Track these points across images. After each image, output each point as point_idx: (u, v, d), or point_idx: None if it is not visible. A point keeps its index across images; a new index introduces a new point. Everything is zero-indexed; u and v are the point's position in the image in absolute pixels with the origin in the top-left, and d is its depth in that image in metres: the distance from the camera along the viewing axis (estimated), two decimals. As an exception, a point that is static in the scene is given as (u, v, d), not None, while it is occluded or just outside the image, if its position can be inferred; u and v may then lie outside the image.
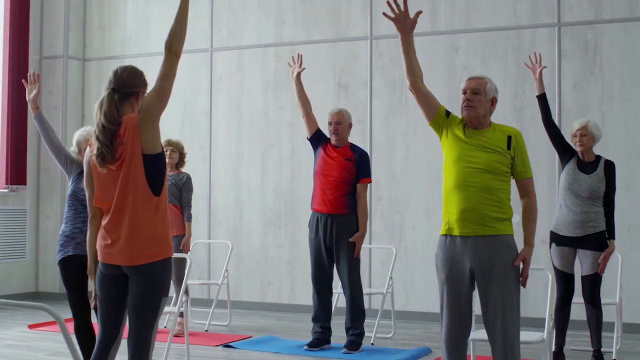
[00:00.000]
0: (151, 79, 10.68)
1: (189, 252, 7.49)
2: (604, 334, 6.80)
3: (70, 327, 4.84)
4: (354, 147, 6.79)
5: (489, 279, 4.24)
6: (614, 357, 6.34)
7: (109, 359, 3.84)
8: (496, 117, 8.04)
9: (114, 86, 3.77)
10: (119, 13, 10.15)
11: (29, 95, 5.29)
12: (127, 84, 3.79)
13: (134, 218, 3.71)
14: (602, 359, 5.98)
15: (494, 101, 4.46)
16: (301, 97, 6.89)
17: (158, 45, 9.79)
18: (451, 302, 4.31)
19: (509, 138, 4.37)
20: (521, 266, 4.40)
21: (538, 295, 7.68)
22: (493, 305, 4.24)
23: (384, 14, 4.40)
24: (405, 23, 4.36)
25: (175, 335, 7.18)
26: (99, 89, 10.16)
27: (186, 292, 6.04)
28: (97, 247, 3.84)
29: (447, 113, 4.48)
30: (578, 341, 6.95)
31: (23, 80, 5.41)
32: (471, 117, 4.38)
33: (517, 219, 7.99)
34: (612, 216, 5.98)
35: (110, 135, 3.69)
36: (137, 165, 3.69)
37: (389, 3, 4.32)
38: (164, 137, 7.91)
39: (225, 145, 9.50)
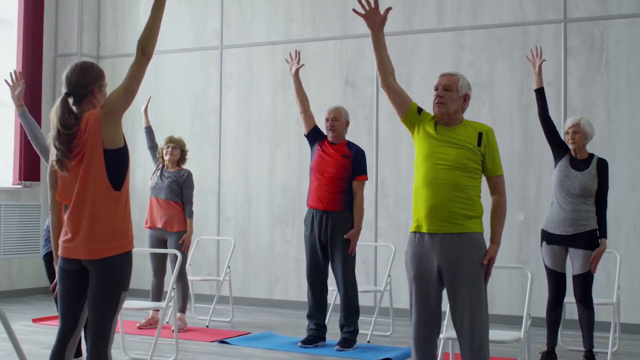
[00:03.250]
0: (161, 77, 10.77)
1: (189, 248, 7.55)
2: (602, 334, 6.73)
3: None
4: (350, 145, 6.77)
5: (457, 277, 4.20)
6: (608, 359, 6.24)
7: (67, 352, 3.87)
8: (502, 114, 8.07)
9: (67, 91, 3.77)
10: (132, 12, 10.24)
11: (14, 93, 5.33)
12: (78, 86, 3.77)
13: (94, 212, 3.73)
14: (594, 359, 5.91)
15: (466, 98, 4.41)
16: (299, 93, 6.88)
17: (169, 44, 9.90)
18: (419, 300, 4.29)
19: (480, 135, 4.31)
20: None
21: (542, 294, 7.59)
22: (461, 304, 4.20)
23: (354, 10, 4.37)
24: (375, 20, 4.33)
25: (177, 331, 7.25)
26: (112, 87, 10.19)
27: (174, 287, 6.06)
28: (59, 241, 3.87)
29: (419, 110, 4.45)
30: (576, 341, 6.85)
31: (5, 80, 5.43)
32: (442, 113, 4.34)
33: (521, 217, 7.98)
34: (604, 215, 5.89)
35: (67, 140, 3.70)
36: (97, 160, 3.71)
37: (359, 0, 4.30)
38: (175, 133, 8.09)
39: (234, 143, 9.55)
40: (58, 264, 3.88)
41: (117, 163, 3.77)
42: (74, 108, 3.76)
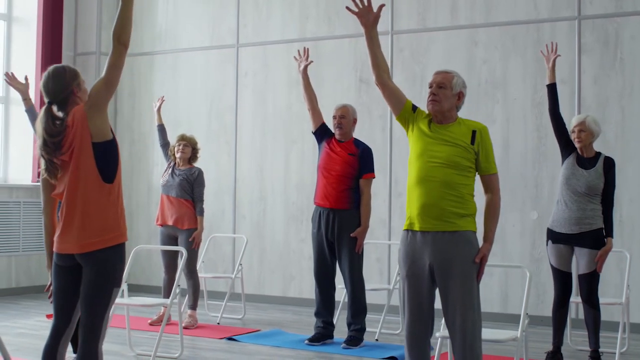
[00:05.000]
0: (179, 75, 10.82)
1: (200, 246, 7.58)
2: (613, 334, 6.67)
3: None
4: (357, 142, 6.76)
5: (448, 275, 4.18)
6: (616, 359, 6.18)
7: (60, 348, 3.93)
8: (515, 112, 8.02)
9: (49, 100, 3.84)
10: (150, 10, 10.32)
11: (19, 86, 5.40)
12: (57, 91, 3.83)
13: (86, 206, 3.79)
14: (600, 360, 5.86)
15: (460, 96, 4.38)
16: (308, 90, 6.85)
17: (186, 42, 9.98)
18: (411, 299, 4.27)
19: (474, 133, 4.28)
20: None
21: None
22: (452, 302, 4.18)
23: (347, 8, 4.39)
24: (368, 17, 4.36)
25: (185, 327, 7.32)
26: (131, 85, 10.35)
27: (179, 284, 6.11)
28: (54, 238, 3.93)
29: (414, 108, 4.44)
30: (586, 341, 6.77)
31: (5, 80, 5.47)
32: (436, 111, 4.33)
33: (535, 215, 7.92)
34: (610, 214, 5.82)
35: (54, 148, 3.77)
36: (86, 154, 3.77)
37: None
38: (192, 132, 8.15)
39: (250, 141, 9.58)
40: (53, 260, 3.94)
41: (106, 155, 3.82)
42: (60, 114, 3.83)
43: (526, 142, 8.06)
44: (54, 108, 3.82)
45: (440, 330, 4.64)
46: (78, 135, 3.76)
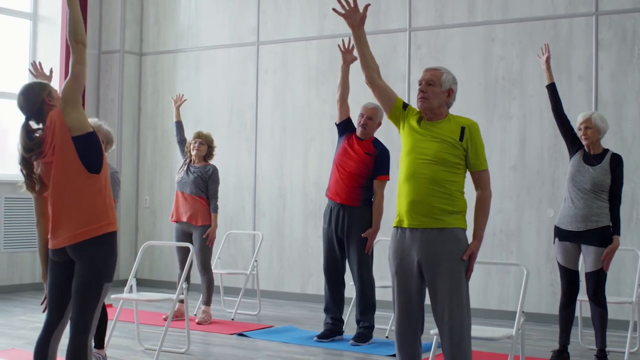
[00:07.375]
0: (200, 73, 10.89)
1: (214, 243, 7.64)
2: (622, 333, 6.60)
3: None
4: (376, 143, 6.72)
5: (437, 272, 4.17)
6: (625, 359, 6.11)
7: (52, 341, 4.02)
8: (533, 109, 7.96)
9: (25, 115, 3.97)
10: (174, 8, 10.42)
11: (44, 79, 5.44)
12: (29, 106, 3.97)
13: (72, 198, 3.89)
14: (606, 359, 5.79)
15: (450, 92, 4.36)
16: (344, 83, 6.82)
17: (207, 40, 10.06)
18: (401, 296, 4.28)
19: (462, 129, 4.27)
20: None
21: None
22: (441, 300, 4.18)
23: (334, 9, 4.42)
24: (355, 17, 4.39)
25: (199, 323, 7.40)
26: (155, 83, 10.47)
27: (187, 279, 6.17)
28: (48, 236, 4.03)
29: (405, 105, 4.45)
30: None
31: (29, 69, 5.50)
32: (425, 108, 4.33)
33: (551, 213, 7.84)
34: (617, 211, 5.74)
35: (32, 163, 3.93)
36: (68, 149, 3.88)
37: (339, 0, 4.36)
38: (213, 129, 8.21)
39: (269, 138, 9.63)
40: (49, 257, 4.03)
41: (88, 147, 3.93)
42: (39, 125, 3.95)
43: (543, 139, 7.99)
44: (31, 123, 3.95)
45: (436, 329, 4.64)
46: (58, 133, 3.88)
